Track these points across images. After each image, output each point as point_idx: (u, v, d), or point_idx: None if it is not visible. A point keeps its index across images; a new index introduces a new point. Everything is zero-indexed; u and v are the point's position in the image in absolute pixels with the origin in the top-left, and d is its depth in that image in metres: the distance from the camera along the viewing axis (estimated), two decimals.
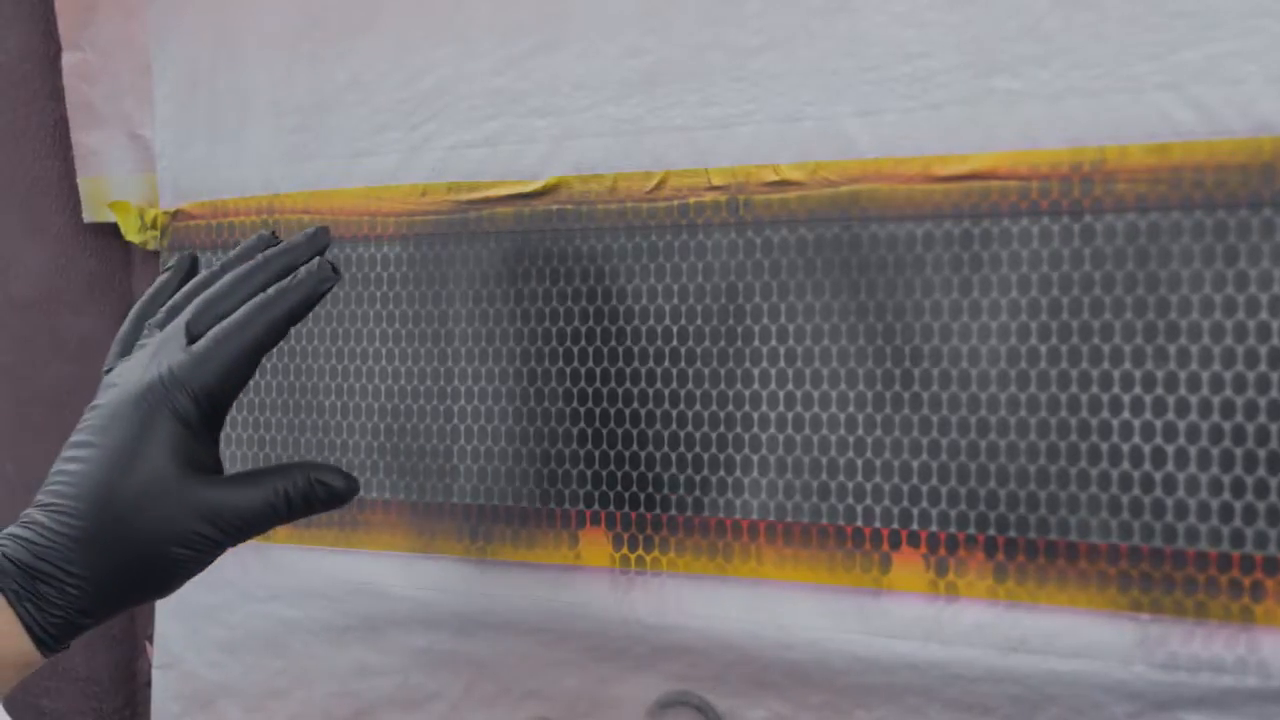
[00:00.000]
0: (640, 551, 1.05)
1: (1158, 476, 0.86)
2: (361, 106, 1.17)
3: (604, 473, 1.06)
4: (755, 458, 1.00)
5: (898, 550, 0.95)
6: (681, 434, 1.03)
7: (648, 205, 1.04)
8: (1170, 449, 0.86)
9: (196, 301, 0.97)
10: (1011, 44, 0.91)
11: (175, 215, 1.28)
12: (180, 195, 1.29)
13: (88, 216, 1.36)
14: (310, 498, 0.95)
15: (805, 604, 0.98)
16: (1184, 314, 0.86)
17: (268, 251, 0.99)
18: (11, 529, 0.94)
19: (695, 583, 1.02)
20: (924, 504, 0.94)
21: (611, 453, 1.05)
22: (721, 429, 1.01)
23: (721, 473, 1.01)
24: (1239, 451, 0.84)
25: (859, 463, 0.96)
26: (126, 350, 1.01)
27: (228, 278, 0.98)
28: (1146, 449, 0.87)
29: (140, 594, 0.94)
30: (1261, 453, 0.83)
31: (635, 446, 1.05)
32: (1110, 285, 0.88)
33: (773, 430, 0.99)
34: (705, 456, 1.02)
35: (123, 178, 1.34)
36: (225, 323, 0.95)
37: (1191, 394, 0.85)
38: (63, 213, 1.38)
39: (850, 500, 0.96)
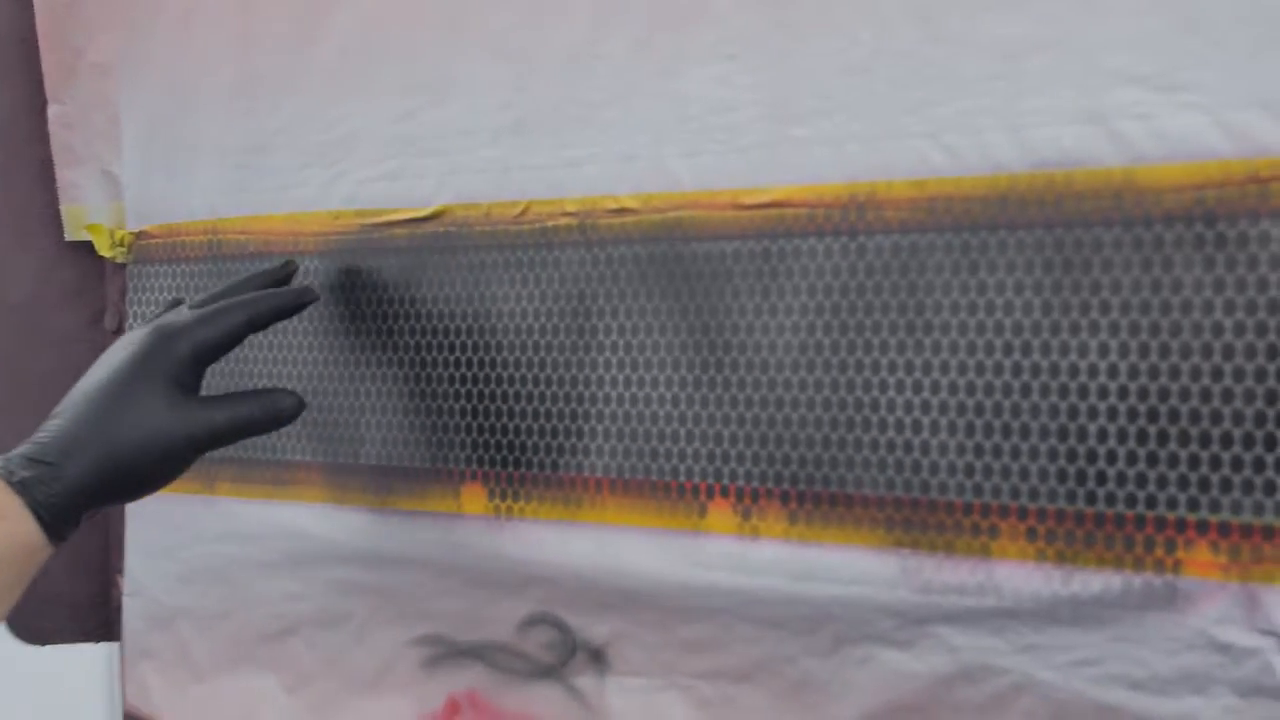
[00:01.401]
0: (510, 501, 1.03)
1: (915, 442, 0.85)
2: (289, 149, 1.16)
3: (481, 439, 1.04)
4: (600, 427, 0.98)
5: (712, 500, 0.93)
6: (541, 409, 1.01)
7: (515, 228, 1.02)
8: (925, 420, 0.85)
9: (199, 296, 1.01)
10: (802, 101, 0.90)
11: (139, 235, 1.27)
12: (142, 219, 1.27)
13: (68, 236, 1.35)
14: (275, 419, 0.97)
15: (639, 543, 0.97)
16: (936, 314, 0.85)
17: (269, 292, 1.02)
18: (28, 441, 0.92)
19: (553, 526, 1.01)
20: (733, 464, 0.92)
21: (487, 424, 1.04)
22: (573, 405, 0.99)
23: (574, 439, 0.99)
24: (979, 423, 0.83)
25: (682, 431, 0.95)
26: None
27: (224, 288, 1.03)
28: (907, 420, 0.86)
29: (122, 492, 0.92)
30: (996, 423, 0.82)
31: (505, 419, 1.03)
32: (879, 291, 0.87)
33: (614, 405, 0.98)
34: (560, 426, 1.00)
35: (96, 205, 1.32)
36: (226, 300, 0.99)
37: (942, 376, 0.84)
38: (48, 233, 1.36)
39: (675, 461, 0.95)
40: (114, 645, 1.35)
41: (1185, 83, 0.76)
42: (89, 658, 1.62)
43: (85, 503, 0.90)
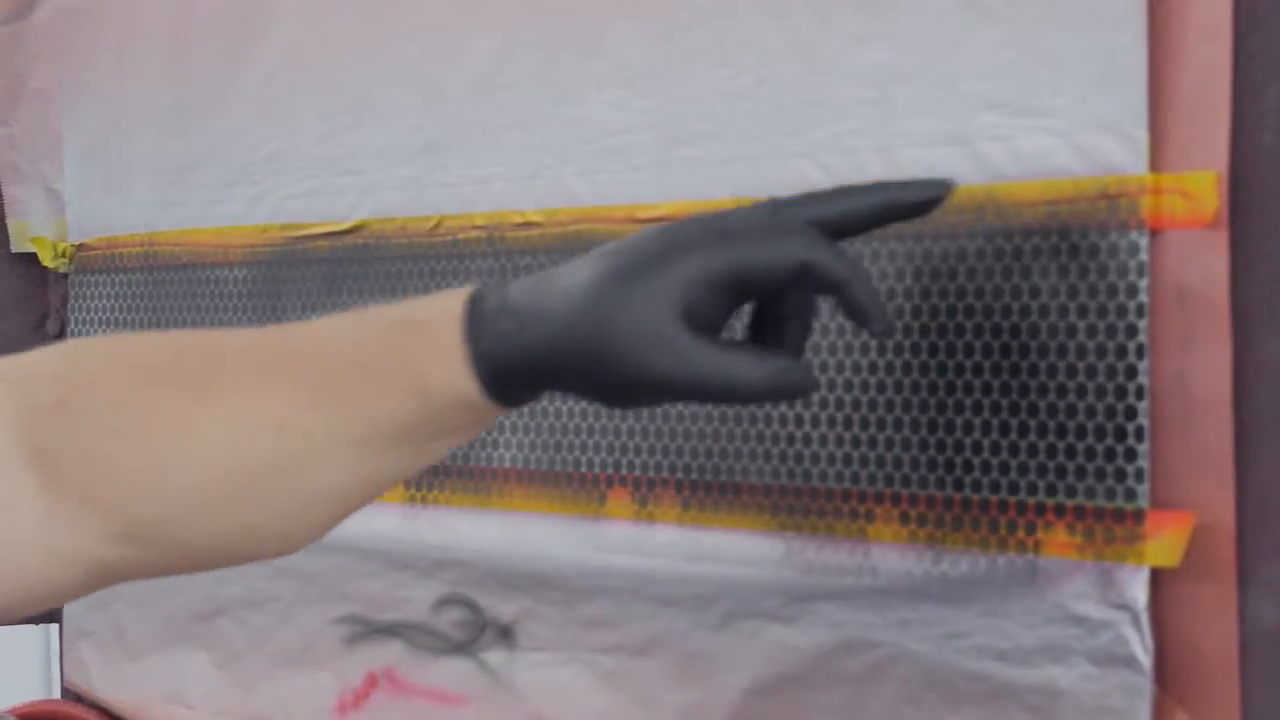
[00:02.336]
0: (425, 491, 1.00)
1: (797, 434, 0.83)
2: (217, 168, 1.13)
3: None
4: (508, 422, 0.95)
5: (612, 489, 0.91)
6: None
7: (429, 240, 1.00)
8: (806, 414, 0.83)
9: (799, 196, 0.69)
10: (691, 125, 0.88)
11: (80, 247, 1.24)
12: (83, 233, 1.24)
13: (14, 248, 1.31)
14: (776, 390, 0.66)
15: (545, 528, 0.94)
16: (816, 317, 0.82)
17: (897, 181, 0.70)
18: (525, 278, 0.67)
19: (465, 513, 0.98)
20: (631, 455, 0.90)
21: None
22: None
23: (484, 433, 0.97)
24: (855, 417, 0.81)
25: (584, 425, 0.92)
26: None
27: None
28: (789, 414, 0.84)
29: (588, 396, 0.67)
30: (871, 417, 0.80)
31: None
32: None
33: None
34: None
35: (40, 220, 1.29)
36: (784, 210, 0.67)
37: (820, 375, 0.82)
38: None
39: (578, 453, 0.92)
40: (52, 626, 1.30)
41: (1040, 108, 0.75)
42: (26, 638, 1.57)
43: (537, 381, 0.66)
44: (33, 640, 1.82)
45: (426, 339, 0.66)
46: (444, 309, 0.66)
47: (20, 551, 0.67)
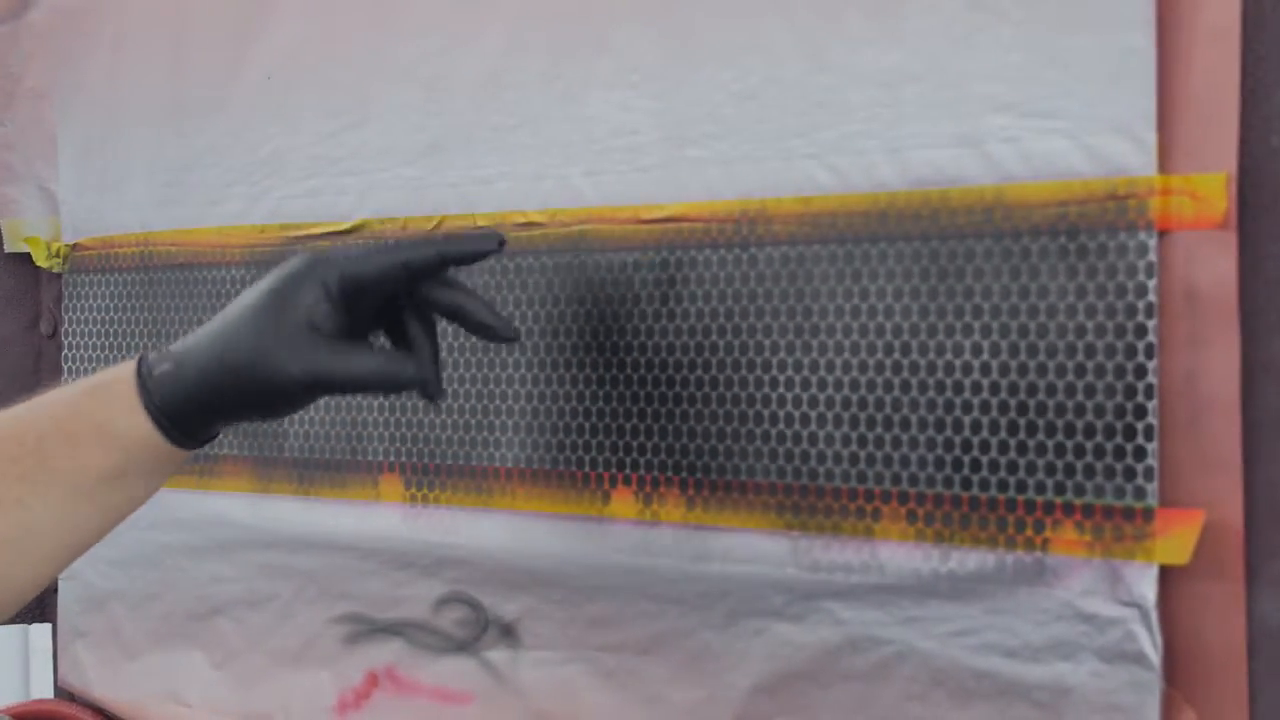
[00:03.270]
0: (425, 490, 1.00)
1: (804, 433, 0.83)
2: (215, 168, 1.12)
3: (398, 433, 1.01)
4: (510, 422, 0.95)
5: (615, 488, 0.91)
6: (455, 405, 0.98)
7: None
8: (813, 414, 0.83)
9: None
10: (697, 125, 0.87)
11: (74, 247, 1.23)
12: (78, 232, 1.23)
13: (7, 248, 1.29)
14: (386, 383, 0.80)
15: (547, 527, 0.94)
16: (822, 318, 0.83)
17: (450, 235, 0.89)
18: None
19: (467, 513, 0.98)
20: (635, 455, 0.90)
21: (404, 419, 1.01)
22: (484, 401, 0.97)
23: (485, 433, 0.96)
24: (862, 416, 0.81)
25: (587, 425, 0.92)
26: None
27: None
28: (796, 414, 0.84)
29: (247, 413, 0.80)
30: (878, 417, 0.81)
31: (421, 414, 1.00)
32: (769, 298, 0.85)
33: (524, 402, 0.95)
34: (473, 421, 0.97)
35: (34, 219, 1.27)
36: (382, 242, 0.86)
37: (828, 375, 0.82)
38: None
39: (580, 452, 0.92)
40: (29, 627, 1.30)
41: (1050, 110, 0.75)
42: (5, 638, 1.56)
43: (199, 411, 0.79)
44: (9, 640, 1.80)
45: (109, 397, 0.79)
46: (118, 373, 0.79)
47: None
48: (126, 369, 0.79)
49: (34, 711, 1.23)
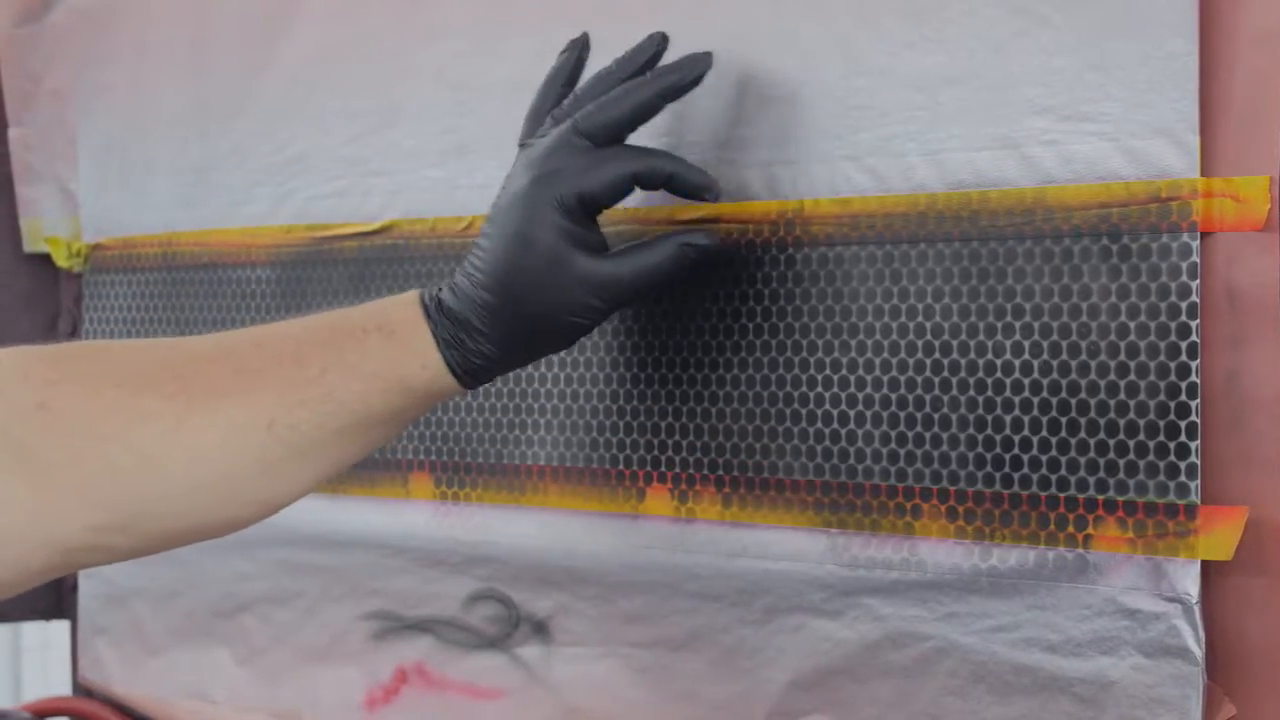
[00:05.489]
0: (455, 488, 1.00)
1: (842, 432, 0.83)
2: (240, 169, 1.12)
3: (427, 432, 1.01)
4: (543, 420, 0.95)
5: (650, 486, 0.91)
6: (486, 404, 0.98)
7: (460, 240, 0.99)
8: (851, 413, 0.83)
9: (589, 106, 0.83)
10: (733, 129, 0.88)
11: (95, 247, 1.23)
12: (98, 232, 1.23)
13: (27, 248, 1.30)
14: (681, 263, 0.83)
15: (581, 525, 0.94)
16: (861, 318, 0.83)
17: (657, 68, 0.85)
18: (445, 284, 0.83)
19: (498, 510, 0.97)
20: (670, 453, 0.90)
21: (433, 418, 1.00)
22: (517, 400, 0.96)
23: (517, 432, 0.96)
24: (902, 415, 0.81)
25: (621, 424, 0.92)
26: (532, 131, 0.87)
27: (618, 91, 0.84)
28: (834, 413, 0.84)
29: (541, 351, 0.85)
30: (918, 415, 0.81)
31: (451, 412, 1.00)
32: (808, 297, 0.85)
33: (555, 401, 0.95)
34: (505, 420, 0.97)
35: (54, 219, 1.28)
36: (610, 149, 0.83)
37: (867, 374, 0.83)
38: (7, 245, 1.31)
39: (615, 450, 0.92)
40: (18, 625, 1.29)
41: (1091, 113, 0.75)
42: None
43: (499, 368, 0.83)
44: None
45: (404, 350, 0.81)
46: (404, 318, 0.81)
47: (1, 540, 0.73)
48: (411, 314, 0.81)
49: (55, 708, 1.22)
